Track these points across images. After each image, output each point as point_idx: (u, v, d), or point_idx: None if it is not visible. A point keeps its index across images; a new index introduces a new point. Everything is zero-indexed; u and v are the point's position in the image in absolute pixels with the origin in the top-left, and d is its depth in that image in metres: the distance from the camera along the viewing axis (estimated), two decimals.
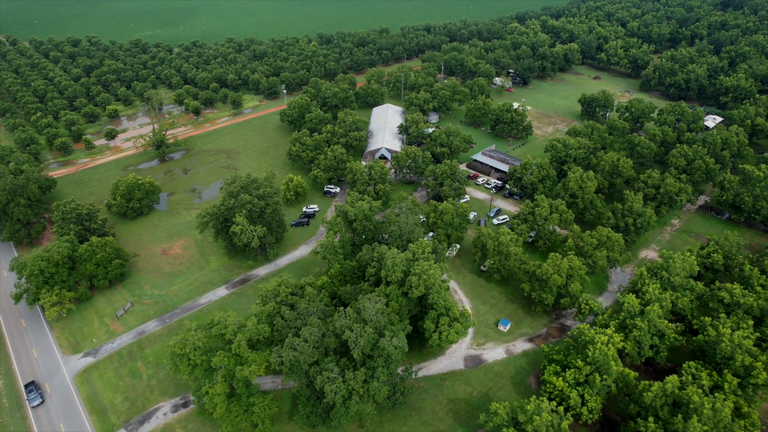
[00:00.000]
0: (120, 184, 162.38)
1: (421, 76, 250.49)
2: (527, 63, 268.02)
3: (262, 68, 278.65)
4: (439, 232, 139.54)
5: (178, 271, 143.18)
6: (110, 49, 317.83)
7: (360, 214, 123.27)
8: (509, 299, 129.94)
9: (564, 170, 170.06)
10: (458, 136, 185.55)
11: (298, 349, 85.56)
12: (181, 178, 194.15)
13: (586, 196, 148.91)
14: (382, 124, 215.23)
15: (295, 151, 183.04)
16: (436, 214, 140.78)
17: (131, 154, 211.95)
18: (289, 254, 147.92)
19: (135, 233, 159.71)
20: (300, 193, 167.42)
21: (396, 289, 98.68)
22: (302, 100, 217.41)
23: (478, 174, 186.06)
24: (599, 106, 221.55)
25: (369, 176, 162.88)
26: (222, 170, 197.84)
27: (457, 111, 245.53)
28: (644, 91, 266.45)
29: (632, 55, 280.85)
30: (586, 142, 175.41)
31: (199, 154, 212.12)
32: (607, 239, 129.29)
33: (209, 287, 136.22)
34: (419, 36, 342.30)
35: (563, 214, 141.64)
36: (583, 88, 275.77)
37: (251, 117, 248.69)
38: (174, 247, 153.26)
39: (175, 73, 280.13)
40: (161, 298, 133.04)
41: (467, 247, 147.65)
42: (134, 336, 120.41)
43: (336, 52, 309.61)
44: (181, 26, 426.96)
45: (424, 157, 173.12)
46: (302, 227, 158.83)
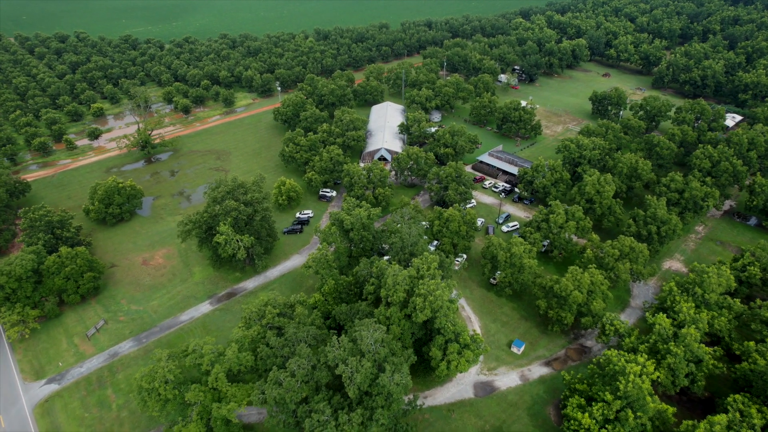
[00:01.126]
0: (98, 188, 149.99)
1: (423, 72, 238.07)
2: (534, 59, 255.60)
3: (256, 65, 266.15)
4: (445, 241, 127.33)
5: (159, 283, 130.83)
6: (99, 45, 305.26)
7: (357, 222, 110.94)
8: (522, 316, 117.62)
9: (578, 173, 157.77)
10: (463, 136, 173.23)
11: (284, 384, 73.20)
12: (167, 180, 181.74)
13: (605, 202, 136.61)
14: (381, 123, 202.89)
15: (288, 152, 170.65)
16: (441, 221, 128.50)
17: (115, 155, 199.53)
18: (280, 265, 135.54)
19: (114, 241, 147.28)
20: (293, 198, 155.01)
21: (398, 312, 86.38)
22: (297, 98, 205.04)
23: (484, 176, 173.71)
24: (612, 104, 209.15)
25: (368, 179, 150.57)
26: (211, 172, 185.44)
27: (460, 109, 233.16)
28: (656, 89, 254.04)
29: (643, 51, 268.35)
30: (601, 142, 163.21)
31: (187, 155, 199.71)
32: (631, 250, 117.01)
33: (192, 302, 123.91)
34: (420, 32, 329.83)
35: (580, 222, 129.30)
36: (592, 86, 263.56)
37: (244, 116, 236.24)
38: (156, 257, 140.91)
39: (165, 69, 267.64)
40: (138, 314, 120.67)
41: (475, 258, 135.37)
42: (106, 359, 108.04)
43: (333, 48, 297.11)
44: (175, 23, 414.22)
45: (427, 159, 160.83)
46: (295, 235, 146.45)
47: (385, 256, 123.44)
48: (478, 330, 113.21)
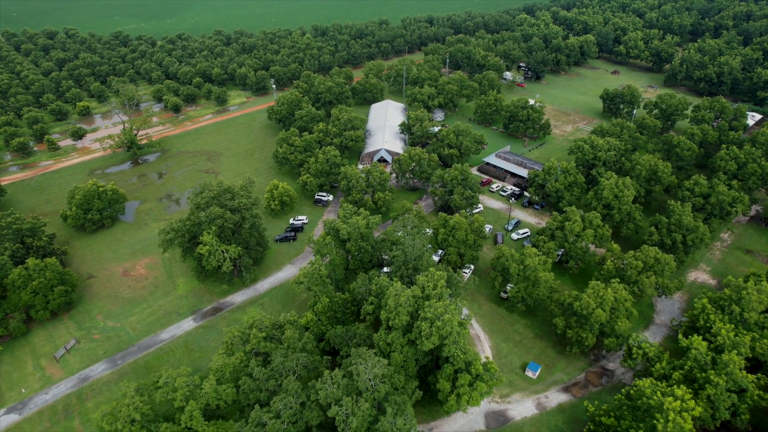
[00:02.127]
0: (76, 192, 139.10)
1: (425, 69, 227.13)
2: (540, 56, 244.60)
3: (250, 62, 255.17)
4: (450, 251, 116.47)
5: (140, 296, 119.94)
6: (88, 42, 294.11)
7: (354, 232, 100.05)
8: (537, 335, 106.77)
9: (593, 176, 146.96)
10: (468, 136, 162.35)
11: (267, 427, 62.36)
12: (153, 183, 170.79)
13: (624, 207, 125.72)
14: (381, 122, 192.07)
15: (281, 153, 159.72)
16: (446, 229, 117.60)
17: (99, 156, 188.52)
18: (271, 276, 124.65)
19: (93, 250, 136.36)
20: (286, 203, 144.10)
21: (400, 337, 75.52)
22: (292, 96, 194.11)
23: (491, 179, 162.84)
24: (624, 103, 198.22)
25: (366, 183, 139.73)
26: (200, 174, 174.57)
27: (464, 108, 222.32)
28: (669, 86, 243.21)
29: (654, 48, 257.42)
30: (616, 142, 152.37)
31: (176, 156, 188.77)
32: (656, 261, 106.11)
33: (174, 318, 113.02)
34: (421, 28, 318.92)
35: (598, 230, 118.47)
36: (601, 83, 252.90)
37: (237, 115, 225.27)
38: (137, 267, 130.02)
39: (155, 67, 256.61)
40: (115, 332, 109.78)
41: (483, 268, 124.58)
42: (75, 383, 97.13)
43: (331, 45, 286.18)
44: (169, 19, 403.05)
45: (430, 160, 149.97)
46: (288, 243, 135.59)
47: (384, 267, 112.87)
48: (488, 351, 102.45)
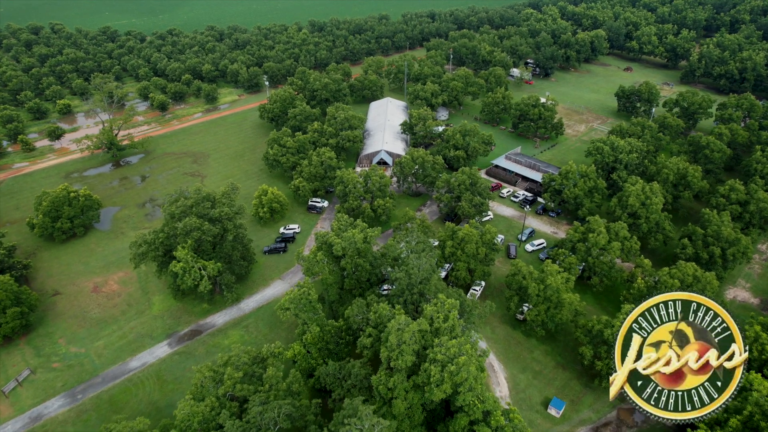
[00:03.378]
0: (44, 199, 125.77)
1: (428, 65, 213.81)
2: (549, 51, 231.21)
3: (243, 58, 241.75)
4: (459, 266, 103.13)
5: (110, 316, 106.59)
6: (74, 38, 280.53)
7: (350, 247, 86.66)
8: (559, 364, 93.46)
9: (613, 180, 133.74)
10: (476, 136, 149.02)
11: None
12: (134, 187, 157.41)
13: (652, 216, 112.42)
14: (381, 121, 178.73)
15: (272, 154, 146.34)
16: (454, 242, 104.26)
17: (78, 157, 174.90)
18: (258, 293, 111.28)
19: (61, 262, 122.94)
20: (276, 210, 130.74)
21: (403, 380, 62.13)
22: (286, 93, 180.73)
23: (501, 183, 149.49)
24: (641, 101, 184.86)
25: (365, 188, 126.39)
26: (185, 178, 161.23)
27: (469, 106, 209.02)
28: (686, 83, 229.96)
29: (669, 43, 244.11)
30: (638, 144, 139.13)
31: (160, 157, 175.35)
32: (695, 280, 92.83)
33: (146, 343, 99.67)
34: (423, 23, 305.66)
35: (626, 242, 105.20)
36: (613, 81, 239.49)
37: (227, 113, 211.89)
38: (109, 282, 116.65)
39: (143, 63, 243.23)
40: (78, 359, 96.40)
41: (495, 285, 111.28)
42: (25, 424, 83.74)
43: (329, 41, 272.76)
44: (161, 15, 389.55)
45: (435, 163, 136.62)
46: (278, 255, 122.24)
47: (385, 285, 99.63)
48: (503, 383, 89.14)
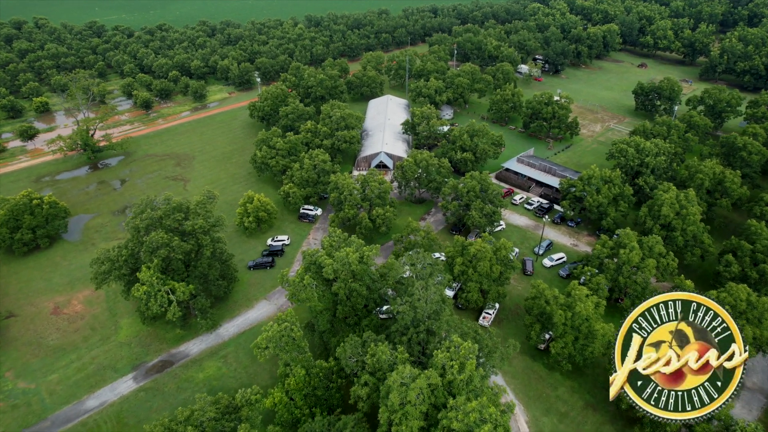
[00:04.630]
0: (1, 206, 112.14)
1: (431, 60, 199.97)
2: (560, 46, 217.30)
3: (234, 53, 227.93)
4: (470, 287, 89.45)
5: (70, 343, 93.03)
6: (57, 32, 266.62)
7: (343, 269, 72.82)
8: (588, 403, 79.67)
9: (638, 186, 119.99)
10: (485, 137, 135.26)
11: None
12: (111, 193, 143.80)
13: (689, 228, 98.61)
14: (381, 120, 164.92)
15: (260, 157, 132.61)
16: (465, 259, 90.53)
17: (52, 159, 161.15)
18: (240, 316, 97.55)
19: (20, 278, 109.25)
20: (264, 219, 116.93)
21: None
22: (277, 90, 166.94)
23: (512, 189, 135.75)
24: (662, 98, 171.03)
25: (362, 194, 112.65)
26: (167, 182, 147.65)
27: (475, 104, 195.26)
28: (705, 80, 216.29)
29: (687, 38, 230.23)
30: (666, 145, 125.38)
31: (141, 159, 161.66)
32: (749, 306, 79.10)
33: (108, 376, 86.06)
34: (425, 18, 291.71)
35: (662, 259, 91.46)
36: (627, 78, 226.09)
37: (216, 112, 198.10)
38: (73, 302, 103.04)
39: (129, 59, 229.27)
40: (26, 397, 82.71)
41: (511, 307, 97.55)
42: None
43: (326, 36, 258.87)
44: (153, 11, 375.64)
45: (441, 166, 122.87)
46: (264, 270, 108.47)
47: (385, 307, 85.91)
48: (524, 428, 75.40)
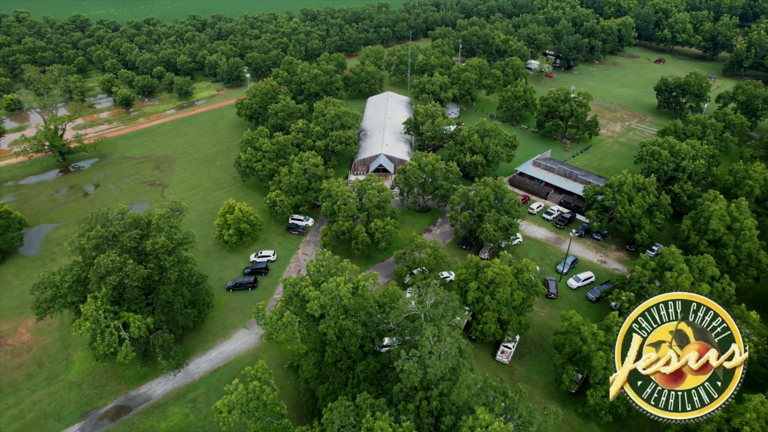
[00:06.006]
0: None
1: (435, 54, 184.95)
2: (573, 40, 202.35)
3: (224, 48, 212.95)
4: (487, 317, 74.66)
5: (10, 382, 78.30)
6: (38, 26, 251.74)
7: (333, 303, 57.86)
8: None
9: (675, 194, 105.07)
10: (498, 137, 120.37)
11: None
12: (79, 200, 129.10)
13: (744, 246, 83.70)
14: (380, 119, 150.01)
15: (245, 160, 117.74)
16: (480, 284, 75.67)
17: (18, 162, 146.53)
18: (214, 348, 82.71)
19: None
20: (246, 231, 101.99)
21: None
22: (267, 86, 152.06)
23: (528, 196, 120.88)
24: (689, 95, 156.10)
25: (359, 204, 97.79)
26: (143, 187, 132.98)
27: (482, 102, 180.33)
28: (730, 76, 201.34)
29: (708, 31, 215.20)
30: (704, 147, 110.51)
31: (117, 162, 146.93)
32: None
33: (50, 428, 71.22)
34: (427, 11, 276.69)
35: (716, 284, 76.53)
36: (644, 74, 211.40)
37: (203, 110, 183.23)
38: (20, 330, 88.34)
39: (111, 54, 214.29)
40: None
41: (534, 338, 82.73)
42: None
43: (322, 30, 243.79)
44: (143, 6, 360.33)
45: (449, 171, 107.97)
46: (246, 292, 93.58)
47: (387, 340, 71.18)
48: None
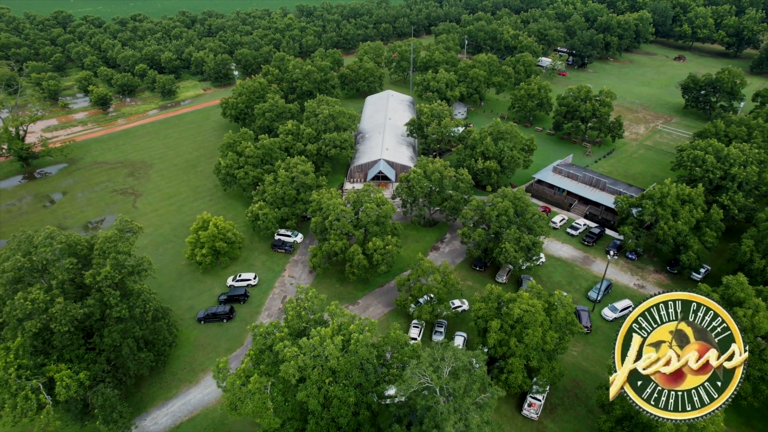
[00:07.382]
0: None
1: (439, 50, 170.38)
2: (587, 36, 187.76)
3: (213, 44, 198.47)
4: (513, 363, 59.73)
5: None
6: (16, 22, 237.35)
7: (316, 363, 42.80)
8: None
9: (723, 205, 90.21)
10: (513, 141, 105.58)
11: None
12: (39, 210, 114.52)
13: None
14: (380, 119, 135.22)
15: (225, 166, 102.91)
16: (504, 323, 60.84)
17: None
18: (178, 397, 67.67)
19: None
20: (223, 251, 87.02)
21: None
22: (255, 84, 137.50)
23: (548, 207, 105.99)
24: (721, 93, 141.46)
25: (355, 220, 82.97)
26: (113, 196, 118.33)
27: (491, 101, 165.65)
28: (758, 74, 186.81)
29: (732, 26, 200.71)
30: (755, 152, 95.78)
31: (88, 168, 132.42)
32: None
33: None
34: (429, 7, 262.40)
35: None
36: (664, 72, 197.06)
37: (187, 111, 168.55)
38: None
39: (91, 50, 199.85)
40: None
41: (568, 387, 67.67)
42: None
43: (318, 26, 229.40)
44: (132, 3, 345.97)
45: (459, 179, 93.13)
46: (220, 324, 78.62)
47: (391, 390, 56.10)
48: None
